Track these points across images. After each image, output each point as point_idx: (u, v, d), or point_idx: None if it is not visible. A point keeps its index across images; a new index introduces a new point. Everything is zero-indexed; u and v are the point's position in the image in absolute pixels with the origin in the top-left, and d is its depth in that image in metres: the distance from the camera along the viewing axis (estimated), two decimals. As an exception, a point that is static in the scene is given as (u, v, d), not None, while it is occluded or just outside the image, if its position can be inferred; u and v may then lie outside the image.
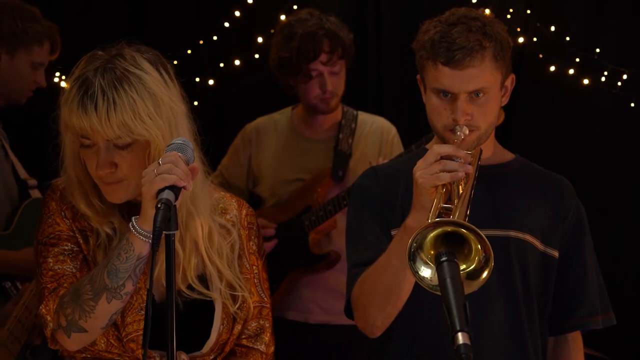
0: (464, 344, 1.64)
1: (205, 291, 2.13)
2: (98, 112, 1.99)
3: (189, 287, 2.13)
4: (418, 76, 2.33)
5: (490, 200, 2.29)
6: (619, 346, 3.68)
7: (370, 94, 4.46)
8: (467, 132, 2.17)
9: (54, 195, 2.13)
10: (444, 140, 2.25)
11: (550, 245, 2.33)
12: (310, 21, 3.27)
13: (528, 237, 2.30)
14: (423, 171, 2.03)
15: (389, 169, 2.47)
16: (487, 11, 2.46)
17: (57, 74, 4.38)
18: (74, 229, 2.09)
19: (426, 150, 2.33)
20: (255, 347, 2.21)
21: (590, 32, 4.25)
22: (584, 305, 2.35)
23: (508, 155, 2.42)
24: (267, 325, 2.23)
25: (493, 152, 2.38)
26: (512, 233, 2.28)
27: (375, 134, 3.38)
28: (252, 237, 2.26)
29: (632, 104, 4.16)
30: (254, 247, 2.26)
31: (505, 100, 2.32)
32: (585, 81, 4.18)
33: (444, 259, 1.79)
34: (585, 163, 4.19)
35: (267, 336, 2.22)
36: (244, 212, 2.27)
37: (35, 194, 3.25)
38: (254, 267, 2.24)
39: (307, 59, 3.23)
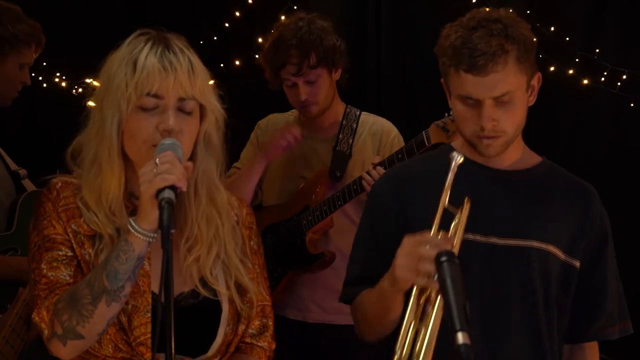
0: (464, 344, 1.64)
1: (217, 287, 2.11)
2: (182, 66, 2.01)
3: (202, 281, 2.11)
4: (442, 80, 2.28)
5: (514, 209, 2.25)
6: (619, 347, 3.67)
7: (370, 94, 4.47)
8: (461, 160, 2.03)
9: (50, 195, 2.09)
10: (472, 145, 2.23)
11: (572, 255, 2.27)
12: (289, 27, 3.24)
13: (551, 248, 2.24)
14: (403, 263, 1.97)
15: (404, 172, 2.42)
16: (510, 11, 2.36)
17: (58, 74, 4.40)
18: (69, 232, 2.05)
19: (448, 149, 2.31)
20: (258, 344, 2.21)
21: (590, 32, 4.26)
22: (602, 316, 2.31)
23: (535, 159, 2.37)
24: (270, 323, 2.24)
25: (520, 156, 2.33)
26: (535, 243, 2.23)
27: (375, 135, 3.37)
28: (253, 237, 2.26)
29: (632, 104, 4.17)
30: (255, 247, 2.25)
31: (532, 100, 2.26)
32: (585, 81, 4.19)
33: (444, 259, 1.78)
34: (585, 163, 4.19)
35: (269, 334, 2.23)
36: (245, 211, 2.27)
37: (28, 184, 3.21)
38: (256, 266, 2.23)
39: (274, 68, 3.25)
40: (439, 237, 1.94)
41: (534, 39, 2.22)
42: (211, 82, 2.12)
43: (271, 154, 3.30)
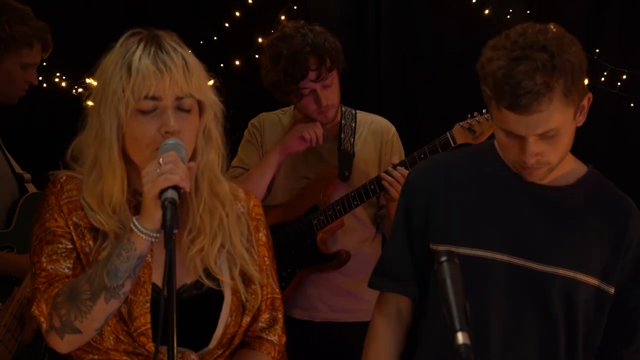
0: (464, 344, 1.63)
1: (220, 276, 2.11)
2: (177, 65, 2.00)
3: (206, 271, 2.11)
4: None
5: (546, 231, 2.17)
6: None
7: (370, 94, 4.47)
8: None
9: (54, 188, 2.09)
10: (515, 168, 2.17)
11: (606, 281, 2.16)
12: (295, 38, 3.22)
13: (580, 276, 2.14)
14: None
15: (441, 169, 2.33)
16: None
17: (58, 74, 4.40)
18: (70, 224, 2.06)
19: (491, 146, 2.26)
20: (268, 338, 2.20)
21: (590, 32, 4.26)
22: (637, 339, 2.22)
23: (578, 172, 2.26)
24: (280, 316, 2.23)
25: (564, 171, 2.22)
26: (561, 271, 2.14)
27: (376, 134, 3.38)
28: (261, 229, 2.25)
29: (632, 104, 4.17)
30: (264, 239, 2.24)
31: (581, 121, 2.15)
32: (585, 81, 4.18)
33: (444, 259, 1.78)
34: (585, 163, 4.18)
35: (279, 327, 2.22)
36: (252, 202, 2.26)
37: (31, 187, 3.23)
38: (265, 258, 2.22)
39: (296, 80, 3.21)
40: None
41: (585, 61, 2.08)
42: (211, 81, 2.12)
43: (290, 147, 3.27)
